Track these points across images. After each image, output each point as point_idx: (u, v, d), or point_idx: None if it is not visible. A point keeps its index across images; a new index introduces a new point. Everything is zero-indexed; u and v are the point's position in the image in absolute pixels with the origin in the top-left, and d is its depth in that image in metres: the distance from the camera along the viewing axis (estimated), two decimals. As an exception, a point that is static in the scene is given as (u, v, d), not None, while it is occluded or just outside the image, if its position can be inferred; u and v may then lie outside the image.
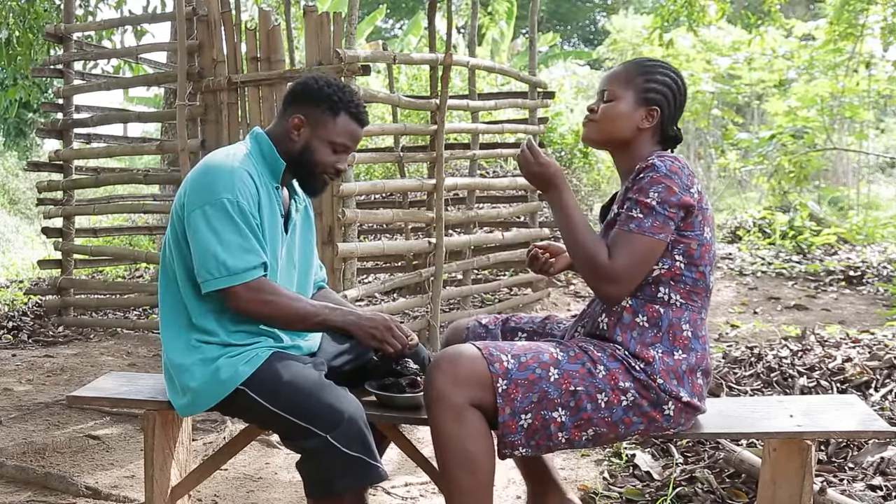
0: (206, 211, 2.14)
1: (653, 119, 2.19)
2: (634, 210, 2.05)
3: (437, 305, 5.24)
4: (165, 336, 2.27)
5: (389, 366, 2.40)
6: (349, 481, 2.08)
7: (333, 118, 2.27)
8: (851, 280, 7.54)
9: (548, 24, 25.90)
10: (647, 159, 2.10)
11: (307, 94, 2.29)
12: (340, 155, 2.31)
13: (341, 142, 2.29)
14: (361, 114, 2.32)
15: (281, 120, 2.33)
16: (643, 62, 2.25)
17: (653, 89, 2.19)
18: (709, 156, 14.95)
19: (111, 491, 2.97)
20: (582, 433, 2.08)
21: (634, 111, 2.19)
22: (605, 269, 2.05)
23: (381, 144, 9.95)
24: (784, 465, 2.18)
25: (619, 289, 2.06)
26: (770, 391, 3.49)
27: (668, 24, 9.39)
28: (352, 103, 2.29)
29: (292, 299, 2.20)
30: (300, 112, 2.28)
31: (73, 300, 6.21)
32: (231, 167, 2.19)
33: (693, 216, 2.08)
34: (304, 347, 2.36)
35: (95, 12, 8.71)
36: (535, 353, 2.10)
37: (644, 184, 2.05)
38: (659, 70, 2.22)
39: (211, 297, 2.19)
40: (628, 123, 2.20)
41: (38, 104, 10.65)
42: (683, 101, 2.25)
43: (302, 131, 2.28)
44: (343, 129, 2.28)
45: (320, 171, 2.30)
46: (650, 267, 2.07)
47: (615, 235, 2.08)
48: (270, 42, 4.95)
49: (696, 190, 2.09)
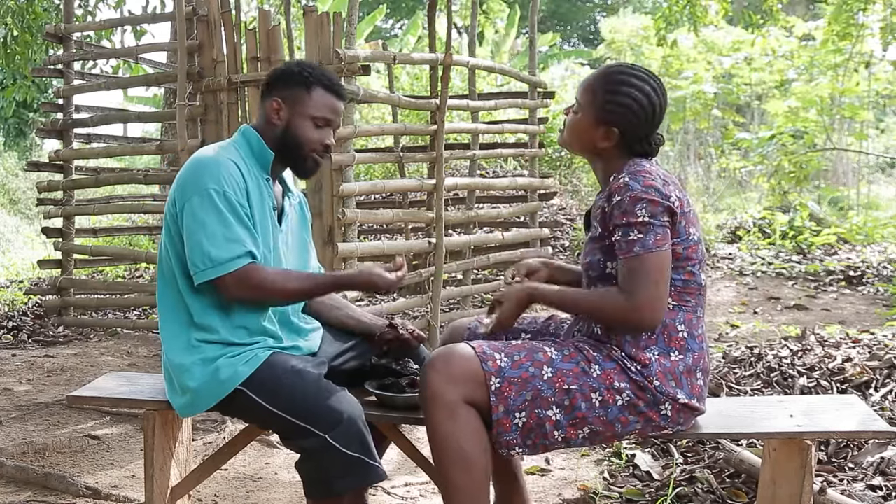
0: (194, 203, 2.16)
1: (611, 139, 2.14)
2: (632, 233, 2.02)
3: (437, 305, 5.23)
4: (165, 336, 2.28)
5: (389, 366, 2.41)
6: (348, 481, 2.08)
7: (308, 93, 2.29)
8: (851, 280, 7.53)
9: (548, 24, 25.90)
10: (619, 177, 2.07)
11: (280, 78, 2.33)
12: (324, 129, 2.31)
13: (321, 115, 2.30)
14: (335, 85, 2.33)
15: (261, 111, 2.35)
16: (613, 75, 2.15)
17: (611, 110, 2.12)
18: (709, 156, 14.94)
19: (111, 491, 2.97)
20: (578, 432, 2.08)
21: (594, 129, 2.15)
22: (627, 309, 2.03)
23: (380, 144, 9.95)
24: (784, 465, 2.19)
25: (651, 316, 2.03)
26: (770, 391, 3.49)
27: (672, 24, 9.37)
28: (324, 76, 2.32)
29: (281, 281, 2.20)
30: (276, 96, 2.31)
31: (73, 300, 6.20)
32: (216, 159, 2.22)
33: (677, 223, 2.08)
34: (304, 347, 2.36)
35: (95, 12, 8.71)
36: (529, 351, 2.10)
37: (626, 206, 2.02)
38: (625, 86, 2.11)
39: (209, 291, 2.20)
40: (588, 139, 2.17)
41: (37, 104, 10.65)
42: (655, 117, 2.14)
43: (281, 113, 2.30)
44: (320, 102, 2.30)
45: (308, 150, 2.31)
46: (668, 280, 2.05)
47: (624, 266, 2.04)
48: (270, 42, 4.95)
49: (676, 196, 2.07)
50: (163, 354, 2.30)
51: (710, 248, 8.84)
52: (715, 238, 9.43)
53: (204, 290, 2.20)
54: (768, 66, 13.75)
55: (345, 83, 4.61)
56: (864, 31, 10.84)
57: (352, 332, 2.52)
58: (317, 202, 4.51)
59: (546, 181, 6.86)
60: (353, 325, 2.52)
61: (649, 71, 2.19)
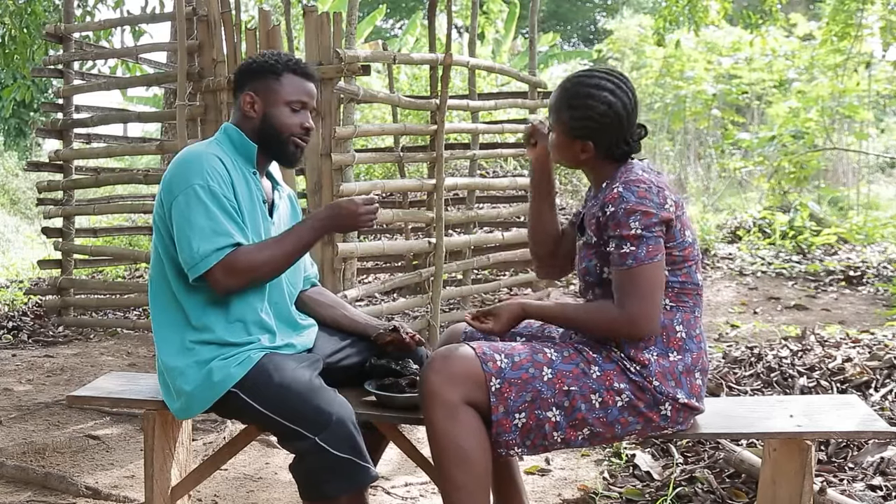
0: (180, 201, 2.17)
1: (588, 152, 2.15)
2: (625, 246, 2.04)
3: (437, 305, 5.23)
4: (159, 339, 2.28)
5: (389, 366, 2.40)
6: (339, 484, 2.08)
7: (278, 79, 2.31)
8: (851, 280, 7.53)
9: (548, 24, 25.89)
10: (613, 186, 2.08)
11: (248, 71, 2.34)
12: (301, 113, 2.32)
13: (295, 99, 2.31)
14: (304, 68, 2.34)
15: (236, 107, 2.36)
16: (571, 90, 2.14)
17: (578, 126, 2.13)
18: (709, 156, 14.94)
19: (111, 491, 2.97)
20: (577, 433, 2.08)
21: (570, 145, 2.17)
22: (621, 321, 2.05)
23: (381, 144, 9.95)
24: (784, 465, 2.19)
25: (645, 326, 2.05)
26: (770, 391, 3.49)
27: (672, 25, 9.36)
28: (291, 61, 2.33)
29: (264, 255, 2.18)
30: (248, 90, 2.32)
31: (73, 300, 6.21)
32: (199, 154, 2.23)
33: (672, 228, 2.09)
34: (297, 345, 2.35)
35: (94, 13, 8.71)
36: (529, 352, 2.10)
37: (620, 217, 2.04)
38: (584, 99, 2.11)
39: (204, 289, 2.20)
40: (570, 155, 2.19)
41: (37, 104, 10.64)
42: (624, 118, 2.12)
43: (256, 106, 2.31)
44: (291, 86, 2.31)
45: (288, 135, 2.31)
46: (662, 289, 2.07)
47: (618, 279, 2.07)
48: (270, 42, 4.94)
49: (671, 202, 2.08)
50: (157, 358, 2.30)
51: (710, 249, 8.85)
52: (715, 238, 9.43)
53: (198, 288, 2.20)
54: (768, 67, 13.75)
55: (345, 83, 4.61)
56: (863, 31, 10.83)
57: (345, 333, 2.51)
58: (317, 202, 4.51)
59: (546, 181, 6.85)
60: (346, 325, 2.51)
61: (608, 71, 2.18)
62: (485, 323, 2.21)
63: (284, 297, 2.38)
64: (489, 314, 2.21)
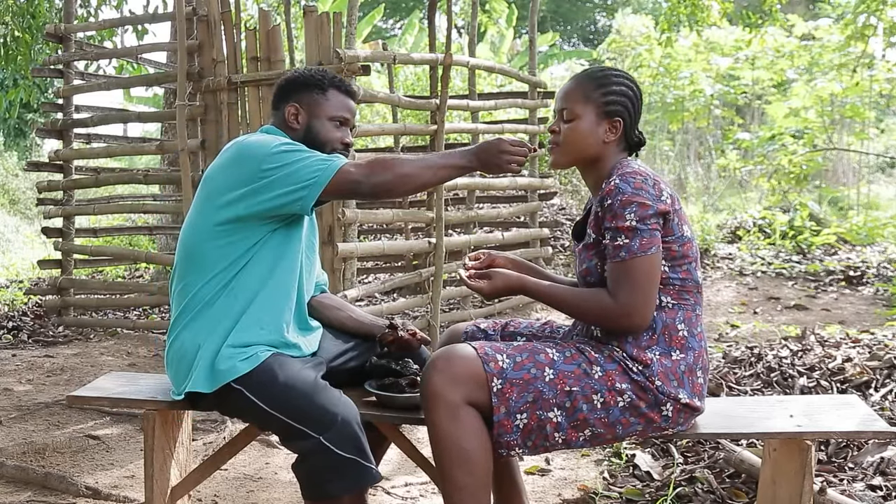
0: (268, 162, 2.15)
1: (616, 130, 2.19)
2: (619, 238, 2.05)
3: (437, 305, 5.23)
4: (182, 322, 2.26)
5: (389, 366, 2.41)
6: (342, 483, 2.08)
7: (324, 95, 2.37)
8: (851, 280, 7.53)
9: (548, 24, 25.89)
10: (609, 181, 2.09)
11: (294, 84, 2.40)
12: (343, 128, 2.40)
13: (339, 115, 2.38)
14: (348, 86, 2.42)
15: (276, 115, 2.41)
16: (595, 74, 2.23)
17: (612, 101, 2.18)
18: (709, 156, 14.94)
19: (111, 491, 2.97)
20: (579, 434, 2.09)
21: (597, 126, 2.19)
22: (614, 310, 2.06)
23: (381, 144, 9.94)
24: (784, 465, 2.19)
25: (639, 318, 2.06)
26: (770, 391, 3.49)
27: (676, 25, 9.35)
28: (335, 79, 2.41)
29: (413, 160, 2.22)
30: (292, 101, 2.37)
31: (73, 300, 6.21)
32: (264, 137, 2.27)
33: (670, 221, 2.09)
34: (303, 347, 2.36)
35: (96, 13, 8.71)
36: (531, 353, 2.10)
37: (616, 209, 2.05)
38: (613, 79, 2.20)
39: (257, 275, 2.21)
40: (593, 140, 2.20)
41: (38, 104, 10.64)
42: (641, 104, 2.26)
43: (300, 118, 2.37)
44: (336, 102, 2.39)
45: (330, 150, 2.36)
46: (657, 281, 2.07)
47: (611, 270, 2.08)
48: (270, 42, 4.95)
49: (667, 194, 2.09)
50: (170, 340, 2.29)
51: (710, 248, 8.85)
52: (715, 238, 9.43)
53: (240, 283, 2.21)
54: (768, 67, 13.75)
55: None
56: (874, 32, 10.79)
57: (351, 334, 2.53)
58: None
59: (546, 181, 6.87)
60: (352, 327, 2.53)
61: (611, 66, 2.31)
62: (477, 283, 2.20)
63: (303, 300, 2.42)
64: (485, 276, 2.20)
